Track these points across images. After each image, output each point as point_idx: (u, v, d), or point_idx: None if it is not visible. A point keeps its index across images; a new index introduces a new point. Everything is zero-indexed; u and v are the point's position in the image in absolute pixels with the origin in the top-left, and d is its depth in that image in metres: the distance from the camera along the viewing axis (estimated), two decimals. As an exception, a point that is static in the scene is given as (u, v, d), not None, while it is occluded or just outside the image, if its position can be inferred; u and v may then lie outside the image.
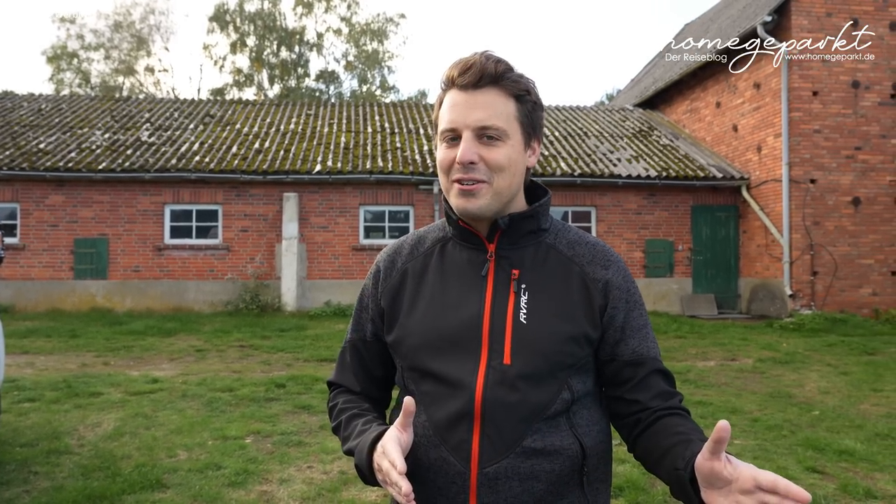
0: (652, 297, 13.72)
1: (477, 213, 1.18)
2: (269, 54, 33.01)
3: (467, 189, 1.17)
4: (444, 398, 1.17)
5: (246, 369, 7.62)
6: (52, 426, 5.09)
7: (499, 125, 1.16)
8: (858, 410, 5.99)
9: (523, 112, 1.20)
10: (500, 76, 1.17)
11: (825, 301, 12.21)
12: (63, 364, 7.84)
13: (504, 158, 1.17)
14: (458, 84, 1.17)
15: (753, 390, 6.79)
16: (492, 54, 1.19)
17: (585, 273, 1.22)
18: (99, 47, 32.27)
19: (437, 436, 1.17)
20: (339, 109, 17.21)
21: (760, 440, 4.97)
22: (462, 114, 1.16)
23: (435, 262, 1.27)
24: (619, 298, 1.22)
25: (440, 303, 1.22)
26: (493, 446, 1.13)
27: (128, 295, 12.96)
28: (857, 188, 12.41)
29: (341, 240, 13.37)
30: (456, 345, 1.18)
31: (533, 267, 1.22)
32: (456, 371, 1.17)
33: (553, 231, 1.28)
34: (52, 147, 13.57)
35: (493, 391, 1.14)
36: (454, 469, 1.15)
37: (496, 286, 1.20)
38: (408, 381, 1.24)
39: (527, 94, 1.20)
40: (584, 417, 1.20)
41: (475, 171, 1.16)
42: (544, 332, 1.16)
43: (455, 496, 1.15)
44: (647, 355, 1.22)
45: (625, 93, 22.90)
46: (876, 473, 4.28)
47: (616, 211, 13.85)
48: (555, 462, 1.15)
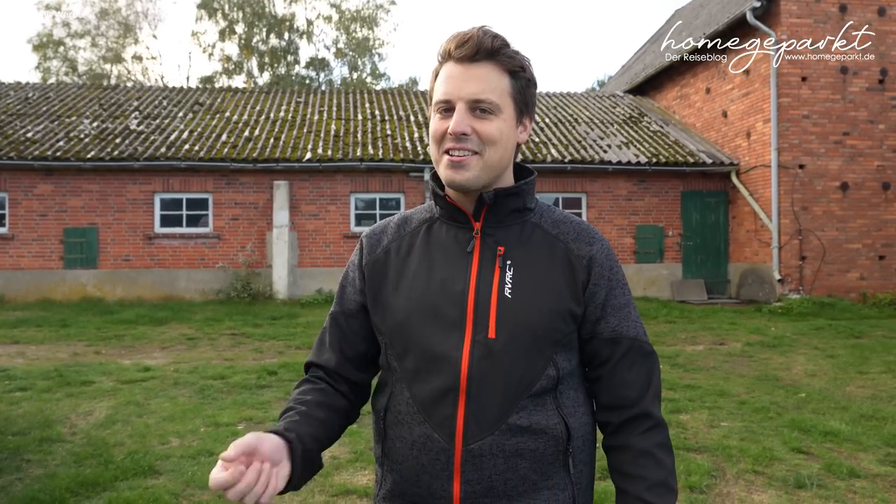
0: (642, 283, 13.80)
1: (464, 185, 1.19)
2: (258, 42, 32.71)
3: (457, 160, 1.17)
4: (428, 374, 1.17)
5: (238, 357, 7.64)
6: (44, 415, 5.10)
7: (492, 99, 1.17)
8: (844, 392, 6.07)
9: (517, 88, 1.21)
10: (496, 51, 1.18)
11: (813, 285, 12.32)
12: (54, 353, 7.83)
13: (496, 131, 1.17)
14: (455, 56, 1.18)
15: (741, 373, 6.86)
16: (489, 29, 1.20)
17: (570, 249, 1.23)
18: (85, 34, 31.90)
19: (422, 412, 1.17)
20: (330, 97, 17.12)
21: (747, 422, 5.04)
22: (457, 86, 1.17)
23: (421, 241, 1.28)
24: (602, 275, 1.23)
25: (425, 279, 1.22)
26: (478, 422, 1.14)
27: (118, 284, 12.92)
28: (846, 173, 12.49)
29: (332, 227, 13.36)
30: (441, 319, 1.18)
31: (518, 244, 1.23)
32: (440, 346, 1.17)
33: (538, 212, 1.29)
34: (40, 136, 13.46)
35: (479, 365, 1.15)
36: (438, 445, 1.15)
37: (482, 262, 1.21)
38: (391, 358, 1.24)
39: (521, 70, 1.21)
40: (570, 398, 1.21)
41: (467, 141, 1.17)
42: (529, 306, 1.17)
43: (439, 473, 1.15)
44: (626, 334, 1.23)
45: (615, 79, 22.88)
46: (860, 453, 4.35)
47: (606, 197, 13.89)
48: (539, 441, 1.15)
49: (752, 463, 4.12)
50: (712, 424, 4.99)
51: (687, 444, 4.50)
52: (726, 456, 4.27)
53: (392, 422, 1.21)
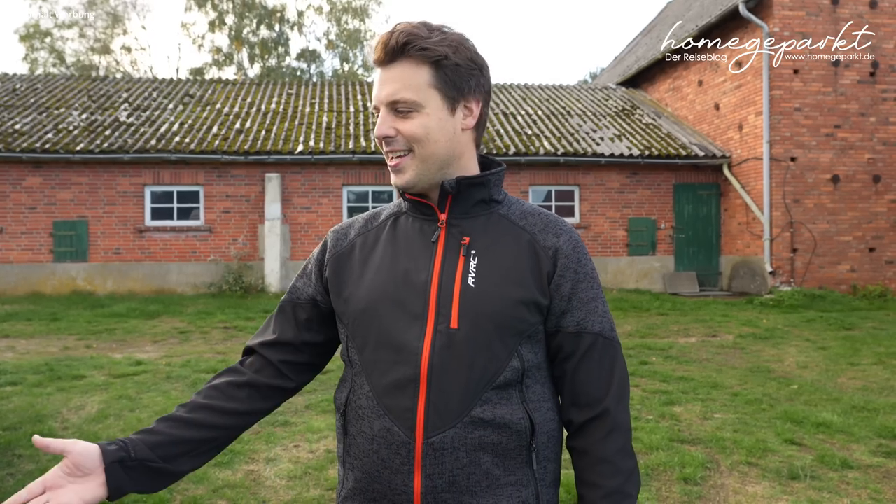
0: (635, 276, 13.84)
1: (406, 187, 1.20)
2: (248, 33, 32.47)
3: (394, 164, 1.20)
4: (387, 364, 1.15)
5: (230, 350, 7.61)
6: (36, 409, 5.06)
7: (407, 97, 1.16)
8: (835, 384, 6.12)
9: (441, 77, 1.17)
10: (402, 48, 1.16)
11: (804, 278, 12.39)
12: (45, 347, 7.77)
13: (419, 128, 1.17)
14: (375, 62, 1.20)
15: (734, 366, 6.90)
16: (400, 27, 1.18)
17: (536, 240, 1.22)
18: (73, 25, 31.58)
19: (381, 405, 1.15)
20: (321, 89, 17.02)
21: (740, 414, 5.06)
22: (378, 90, 1.19)
23: (387, 233, 1.27)
24: (568, 267, 1.21)
25: (388, 269, 1.21)
26: (439, 414, 1.11)
27: (109, 277, 12.83)
28: (837, 166, 12.54)
29: (325, 220, 13.31)
30: (403, 310, 1.17)
31: (484, 234, 1.22)
32: (401, 335, 1.15)
33: (507, 204, 1.27)
34: (29, 128, 13.32)
35: (440, 355, 1.13)
36: (398, 439, 1.12)
37: (446, 252, 1.20)
38: (351, 350, 1.22)
39: (443, 58, 1.17)
40: (536, 392, 1.19)
41: (395, 143, 1.18)
42: (492, 295, 1.16)
43: (399, 467, 1.12)
44: (591, 329, 1.21)
45: (608, 71, 22.86)
46: (852, 445, 4.38)
47: (599, 190, 13.90)
48: (503, 435, 1.14)
49: (746, 454, 4.14)
50: (706, 416, 5.01)
51: (681, 437, 4.52)
52: (720, 448, 4.29)
53: (352, 417, 1.19)
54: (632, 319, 10.01)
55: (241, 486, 3.69)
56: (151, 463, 1.13)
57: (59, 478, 1.07)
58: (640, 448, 4.25)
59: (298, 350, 1.30)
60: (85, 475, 1.07)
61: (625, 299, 11.72)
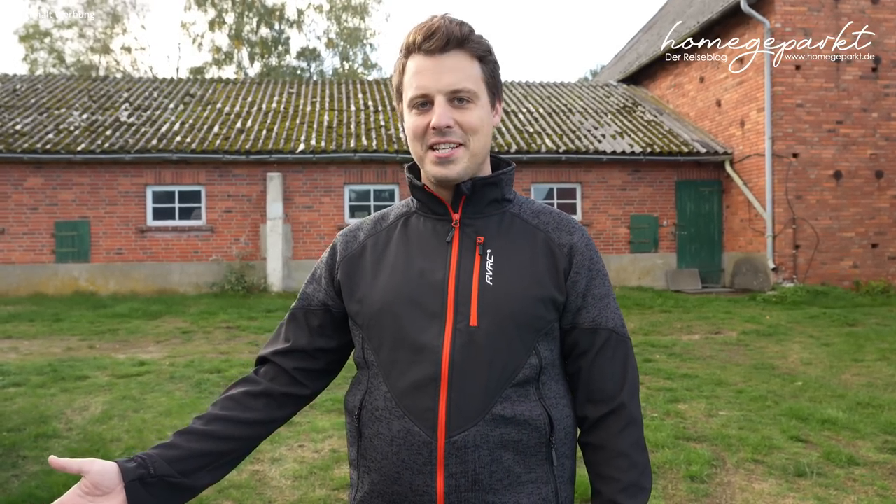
0: (637, 273, 13.83)
1: (457, 179, 1.18)
2: (248, 32, 32.43)
3: (444, 155, 1.16)
4: (406, 364, 1.14)
5: (233, 350, 7.60)
6: (39, 410, 5.05)
7: (469, 87, 1.16)
8: (840, 380, 6.10)
9: (487, 72, 1.20)
10: (465, 39, 1.16)
11: (807, 274, 12.37)
12: (48, 348, 7.77)
13: (477, 120, 1.17)
14: (424, 49, 1.16)
15: (738, 362, 6.88)
16: (453, 17, 1.18)
17: (551, 238, 1.23)
18: (72, 25, 31.56)
19: (400, 406, 1.14)
20: (322, 87, 17.00)
21: (745, 411, 5.05)
22: (433, 79, 1.15)
23: (398, 234, 1.26)
24: (583, 265, 1.23)
25: (403, 269, 1.20)
26: (461, 413, 1.11)
27: (111, 278, 12.83)
28: (839, 162, 12.51)
29: (326, 219, 13.30)
30: (420, 309, 1.16)
31: (498, 234, 1.22)
32: (420, 335, 1.14)
33: (517, 203, 1.28)
34: (29, 128, 13.31)
35: (461, 354, 1.12)
36: (420, 440, 1.11)
37: (461, 251, 1.19)
38: (367, 352, 1.21)
39: (489, 54, 1.20)
40: (553, 389, 1.20)
41: (452, 134, 1.16)
42: (511, 293, 1.16)
43: (421, 468, 1.11)
44: (606, 325, 1.23)
45: (609, 68, 22.82)
46: (858, 441, 4.37)
47: (601, 187, 13.89)
48: (523, 432, 1.14)
49: (752, 452, 4.13)
50: (711, 414, 5.00)
51: (686, 434, 4.51)
52: (726, 445, 4.28)
53: (368, 419, 1.18)
54: (635, 317, 9.99)
55: (247, 486, 3.69)
56: (171, 478, 1.12)
57: (78, 497, 1.04)
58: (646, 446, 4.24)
59: (312, 357, 1.29)
60: (104, 494, 1.05)
61: (627, 297, 11.70)
